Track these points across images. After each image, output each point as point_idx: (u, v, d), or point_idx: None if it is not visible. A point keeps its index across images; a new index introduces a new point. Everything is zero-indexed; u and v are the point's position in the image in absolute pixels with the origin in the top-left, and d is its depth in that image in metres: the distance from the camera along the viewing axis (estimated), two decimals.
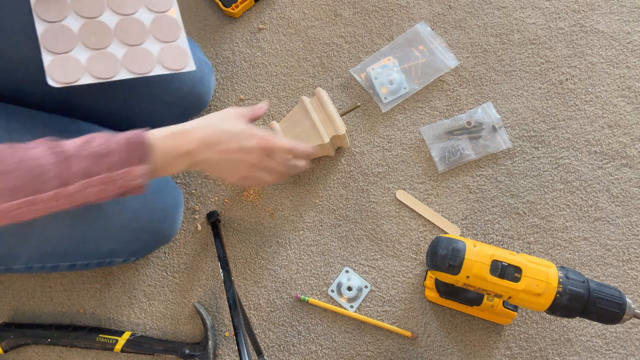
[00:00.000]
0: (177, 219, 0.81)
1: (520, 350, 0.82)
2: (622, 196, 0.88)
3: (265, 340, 0.84)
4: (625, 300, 0.63)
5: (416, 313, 0.84)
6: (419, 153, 0.91)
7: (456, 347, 0.83)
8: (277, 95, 0.95)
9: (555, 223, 0.87)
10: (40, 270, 0.72)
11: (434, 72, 0.94)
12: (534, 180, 0.89)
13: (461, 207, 0.89)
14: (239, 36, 0.98)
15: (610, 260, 0.85)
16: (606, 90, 0.93)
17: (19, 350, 0.85)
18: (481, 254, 0.65)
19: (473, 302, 0.79)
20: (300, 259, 0.87)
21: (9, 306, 0.87)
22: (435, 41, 0.95)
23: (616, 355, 0.82)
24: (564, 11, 0.97)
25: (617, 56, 0.94)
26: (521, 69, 0.94)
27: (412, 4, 0.98)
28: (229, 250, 0.88)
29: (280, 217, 0.89)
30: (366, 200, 0.89)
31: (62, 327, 0.83)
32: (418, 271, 0.86)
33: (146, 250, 0.80)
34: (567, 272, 0.64)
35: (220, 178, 0.89)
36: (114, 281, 0.88)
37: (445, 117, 0.93)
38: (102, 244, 0.73)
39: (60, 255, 0.71)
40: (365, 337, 0.84)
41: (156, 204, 0.76)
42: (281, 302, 0.86)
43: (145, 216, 0.74)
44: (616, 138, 0.90)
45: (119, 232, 0.72)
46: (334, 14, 0.99)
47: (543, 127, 0.91)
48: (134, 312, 0.86)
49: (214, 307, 0.86)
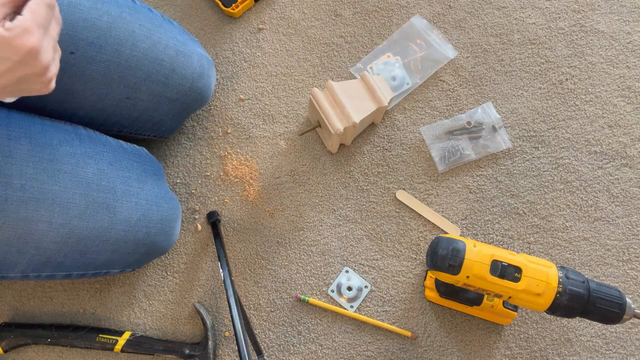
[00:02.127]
0: (174, 232, 0.80)
1: (520, 350, 0.82)
2: (622, 196, 0.88)
3: (265, 340, 0.84)
4: (625, 300, 0.63)
5: (416, 313, 0.84)
6: (419, 153, 0.91)
7: (456, 347, 0.83)
8: (277, 95, 0.95)
9: (555, 223, 0.87)
10: (36, 279, 0.72)
11: (434, 64, 0.94)
12: (534, 180, 0.89)
13: (461, 207, 0.89)
14: (239, 36, 0.98)
15: (610, 260, 0.85)
16: (606, 90, 0.93)
17: (19, 350, 0.85)
18: (481, 254, 0.65)
19: (473, 302, 0.79)
20: (300, 259, 0.87)
21: (9, 306, 0.87)
22: (432, 33, 0.95)
23: (616, 355, 0.82)
24: (564, 11, 0.97)
25: (617, 56, 0.94)
26: (521, 69, 0.94)
27: (412, 4, 0.98)
28: (229, 250, 0.88)
29: (280, 217, 0.89)
30: (366, 200, 0.89)
31: (62, 327, 0.83)
32: (418, 271, 0.86)
33: (142, 262, 0.79)
34: (567, 272, 0.64)
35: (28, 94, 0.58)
36: (114, 281, 0.88)
37: (445, 117, 0.93)
38: (98, 256, 0.72)
39: (56, 265, 0.70)
40: (365, 337, 0.84)
41: (153, 216, 0.75)
42: (281, 302, 0.86)
43: (142, 229, 0.74)
44: (616, 138, 0.90)
45: (115, 244, 0.72)
46: (334, 14, 0.99)
47: (543, 127, 0.92)
48: (134, 312, 0.86)
49: (214, 307, 0.86)
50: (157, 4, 1.01)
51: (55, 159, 0.67)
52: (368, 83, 0.85)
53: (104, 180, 0.70)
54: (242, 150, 0.93)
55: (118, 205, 0.71)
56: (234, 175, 0.91)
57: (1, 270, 0.68)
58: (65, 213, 0.67)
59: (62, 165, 0.68)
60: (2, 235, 0.64)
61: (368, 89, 0.85)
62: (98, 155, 0.72)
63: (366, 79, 0.85)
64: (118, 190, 0.71)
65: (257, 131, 0.94)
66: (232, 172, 0.92)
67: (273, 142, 0.93)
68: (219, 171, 0.92)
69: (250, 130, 0.94)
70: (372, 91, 0.85)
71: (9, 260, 0.67)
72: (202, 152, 0.93)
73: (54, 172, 0.67)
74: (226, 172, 0.92)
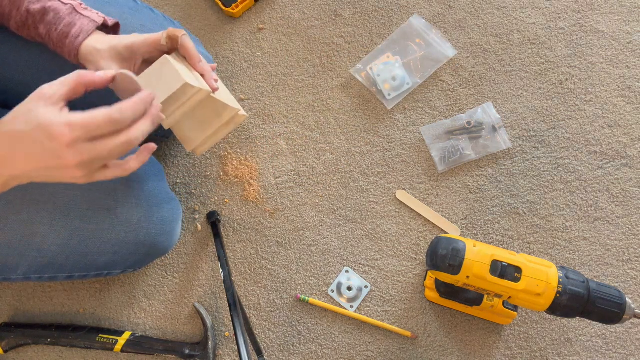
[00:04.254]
0: (175, 232, 0.80)
1: (520, 350, 0.82)
2: (622, 196, 0.88)
3: (265, 340, 0.84)
4: (625, 300, 0.63)
5: (416, 313, 0.84)
6: (419, 153, 0.91)
7: (456, 347, 0.83)
8: (277, 95, 0.95)
9: (555, 223, 0.87)
10: (38, 280, 0.72)
11: (434, 63, 0.94)
12: (534, 180, 0.89)
13: (461, 207, 0.89)
14: (239, 36, 0.98)
15: (610, 260, 0.85)
16: (606, 90, 0.93)
17: (19, 350, 0.85)
18: (481, 254, 0.65)
19: (473, 302, 0.79)
20: (300, 259, 0.87)
21: (9, 306, 0.87)
22: (431, 32, 0.95)
23: (616, 355, 0.82)
24: (564, 11, 0.97)
25: (617, 56, 0.94)
26: (521, 69, 0.94)
27: (412, 4, 0.98)
28: (229, 250, 0.88)
29: (280, 217, 0.89)
30: (366, 200, 0.89)
31: (62, 327, 0.83)
32: (418, 271, 0.86)
33: (144, 262, 0.80)
34: (567, 272, 0.64)
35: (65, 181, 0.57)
36: (114, 281, 0.88)
37: (445, 117, 0.93)
38: (100, 257, 0.72)
39: (58, 267, 0.70)
40: (365, 337, 0.84)
41: (154, 217, 0.75)
42: (281, 302, 0.86)
43: (143, 229, 0.74)
44: (616, 138, 0.90)
45: (116, 245, 0.72)
46: (334, 14, 0.99)
47: (543, 127, 0.92)
48: (134, 312, 0.86)
49: (214, 307, 0.86)
50: (157, 4, 1.01)
51: None
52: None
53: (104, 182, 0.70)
54: (242, 150, 0.93)
55: (119, 206, 0.71)
56: (234, 175, 0.92)
57: (3, 273, 0.68)
58: (67, 215, 0.67)
59: None
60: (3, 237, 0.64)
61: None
62: None
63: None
64: (119, 192, 0.71)
65: (257, 131, 0.94)
66: (232, 172, 0.92)
67: (273, 142, 0.93)
68: (219, 171, 0.92)
69: (250, 130, 0.94)
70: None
71: (11, 262, 0.67)
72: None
73: None
74: (226, 172, 0.92)
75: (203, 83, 0.64)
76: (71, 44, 0.62)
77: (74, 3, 0.64)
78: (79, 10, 0.63)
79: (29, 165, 0.50)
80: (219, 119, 0.68)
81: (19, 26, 0.64)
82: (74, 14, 0.63)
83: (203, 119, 0.67)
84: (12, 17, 0.63)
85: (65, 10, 0.62)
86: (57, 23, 0.62)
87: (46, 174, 0.52)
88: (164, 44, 0.63)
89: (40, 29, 0.63)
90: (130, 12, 0.75)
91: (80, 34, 0.62)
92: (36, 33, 0.64)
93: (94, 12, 0.65)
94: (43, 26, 0.63)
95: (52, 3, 0.62)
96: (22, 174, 0.51)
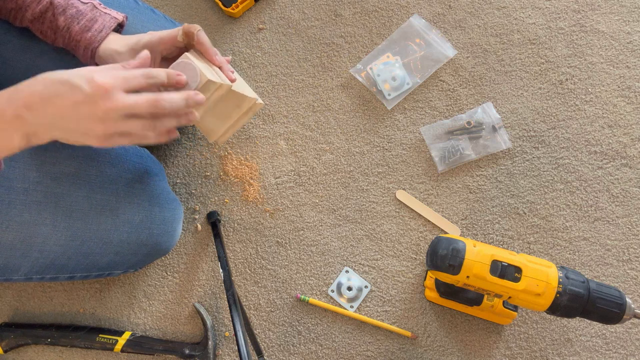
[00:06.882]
0: (176, 233, 0.80)
1: (520, 350, 0.82)
2: (622, 196, 0.88)
3: (265, 340, 0.84)
4: (625, 300, 0.63)
5: (416, 313, 0.84)
6: (419, 153, 0.91)
7: (456, 347, 0.83)
8: (277, 95, 0.95)
9: (555, 223, 0.87)
10: (40, 280, 0.72)
11: (434, 63, 0.94)
12: (534, 180, 0.89)
13: (461, 207, 0.89)
14: (239, 36, 0.98)
15: (610, 260, 0.85)
16: (606, 90, 0.93)
17: (19, 350, 0.85)
18: (481, 254, 0.65)
19: (473, 302, 0.79)
20: (300, 259, 0.87)
21: (9, 306, 0.87)
22: (431, 32, 0.95)
23: (616, 355, 0.82)
24: (564, 11, 0.97)
25: (617, 56, 0.94)
26: (521, 69, 0.94)
27: (412, 4, 0.98)
28: (229, 250, 0.88)
29: (280, 217, 0.89)
30: (366, 200, 0.89)
31: (62, 327, 0.83)
32: (418, 271, 0.86)
33: (145, 263, 0.80)
34: (567, 272, 0.64)
35: (79, 143, 0.56)
36: (114, 281, 0.88)
37: (445, 117, 0.93)
38: (102, 258, 0.72)
39: (60, 267, 0.71)
40: (365, 337, 0.84)
41: (156, 217, 0.75)
42: (281, 302, 0.86)
43: (144, 230, 0.74)
44: (616, 138, 0.90)
45: (118, 246, 0.72)
46: (334, 14, 0.99)
47: (543, 127, 0.92)
48: (134, 312, 0.86)
49: (214, 307, 0.86)
50: (157, 4, 1.01)
51: (58, 162, 0.67)
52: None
53: (106, 182, 0.71)
54: (242, 150, 0.93)
55: (121, 207, 0.71)
56: (234, 175, 0.92)
57: (5, 274, 0.68)
58: (69, 216, 0.67)
59: (65, 168, 0.68)
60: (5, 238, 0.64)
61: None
62: (100, 157, 0.72)
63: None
64: (120, 192, 0.71)
65: (257, 131, 0.94)
66: (232, 172, 0.92)
67: (273, 142, 0.93)
68: (219, 171, 0.92)
69: (250, 130, 0.94)
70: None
71: (13, 263, 0.67)
72: (202, 152, 0.93)
73: (56, 175, 0.67)
74: (226, 172, 0.92)
75: (223, 77, 0.65)
76: (93, 37, 0.63)
77: (94, 2, 0.65)
78: (99, 8, 0.65)
79: (60, 110, 0.50)
80: (238, 109, 0.70)
81: (35, 17, 0.64)
82: (95, 10, 0.64)
83: (224, 110, 0.69)
84: (31, 7, 0.64)
85: (86, 7, 0.64)
86: (79, 17, 0.63)
87: (73, 126, 0.52)
88: (181, 40, 0.64)
89: (59, 20, 0.63)
90: (132, 12, 0.75)
91: (103, 29, 0.64)
92: (53, 25, 0.64)
93: (112, 10, 0.66)
94: (64, 18, 0.63)
95: (73, 1, 0.64)
96: (49, 122, 0.51)
